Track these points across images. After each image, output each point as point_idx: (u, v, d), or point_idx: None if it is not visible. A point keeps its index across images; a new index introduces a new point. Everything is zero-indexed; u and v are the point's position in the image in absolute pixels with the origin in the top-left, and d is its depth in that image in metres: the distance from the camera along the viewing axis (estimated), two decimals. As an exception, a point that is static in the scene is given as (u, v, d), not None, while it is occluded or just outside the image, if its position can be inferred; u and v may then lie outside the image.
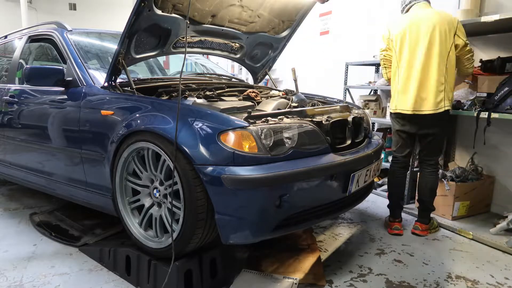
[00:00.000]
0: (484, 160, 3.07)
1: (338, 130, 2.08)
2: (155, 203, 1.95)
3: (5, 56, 3.38)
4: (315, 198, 1.87)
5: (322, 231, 2.66)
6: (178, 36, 2.40)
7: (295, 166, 1.72)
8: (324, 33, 4.92)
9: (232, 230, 1.68)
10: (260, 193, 1.65)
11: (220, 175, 1.60)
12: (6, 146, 2.92)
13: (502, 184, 3.00)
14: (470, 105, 2.67)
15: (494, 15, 2.46)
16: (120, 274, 2.02)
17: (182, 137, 1.69)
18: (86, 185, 2.28)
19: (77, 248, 2.32)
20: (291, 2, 2.61)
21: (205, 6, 2.28)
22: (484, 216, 2.96)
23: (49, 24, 2.85)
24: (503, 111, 2.41)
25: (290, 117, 1.91)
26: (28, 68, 2.28)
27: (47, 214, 2.87)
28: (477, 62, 2.96)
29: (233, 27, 2.60)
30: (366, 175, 2.14)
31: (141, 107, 1.94)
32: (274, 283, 1.94)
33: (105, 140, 2.05)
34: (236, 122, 1.70)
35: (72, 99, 2.31)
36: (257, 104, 2.28)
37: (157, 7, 2.08)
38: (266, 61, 3.15)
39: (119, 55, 2.09)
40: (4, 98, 2.86)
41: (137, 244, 1.98)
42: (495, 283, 2.05)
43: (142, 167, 1.96)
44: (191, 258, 1.84)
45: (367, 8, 4.28)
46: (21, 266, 2.14)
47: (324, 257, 2.28)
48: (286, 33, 2.92)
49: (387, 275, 2.09)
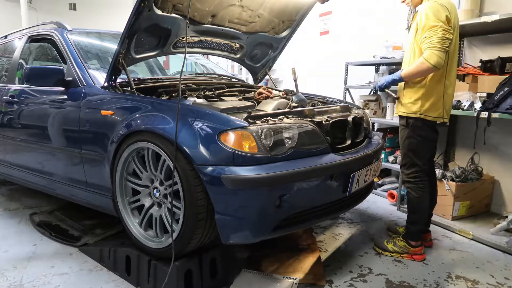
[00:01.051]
0: (484, 160, 3.07)
1: (338, 130, 2.08)
2: (155, 203, 1.95)
3: (5, 56, 3.38)
4: (315, 198, 1.87)
5: (322, 231, 2.66)
6: (178, 36, 2.40)
7: (295, 166, 1.72)
8: (324, 33, 4.92)
9: (232, 230, 1.68)
10: (260, 193, 1.65)
11: (220, 175, 1.60)
12: (6, 146, 2.92)
13: (502, 184, 3.00)
14: (470, 105, 2.67)
15: (494, 15, 2.46)
16: (120, 274, 2.02)
17: (182, 137, 1.69)
18: (86, 185, 2.28)
19: (77, 248, 2.32)
20: (291, 2, 2.61)
21: (205, 6, 2.28)
22: (484, 216, 2.96)
23: (49, 24, 2.85)
24: (503, 111, 2.41)
25: (290, 117, 1.91)
26: (28, 68, 2.28)
27: (47, 214, 2.87)
28: (477, 62, 2.96)
29: (233, 27, 2.60)
30: (366, 175, 2.14)
31: (141, 107, 1.94)
32: (274, 283, 1.94)
33: (105, 140, 2.05)
34: (236, 122, 1.70)
35: (72, 99, 2.31)
36: (257, 104, 2.28)
37: (157, 7, 2.08)
38: (266, 61, 3.15)
39: (119, 55, 2.09)
40: (4, 98, 2.86)
41: (137, 244, 1.98)
42: (495, 283, 2.05)
43: (142, 167, 1.96)
44: (191, 258, 1.84)
45: (367, 8, 4.28)
46: (21, 266, 2.14)
47: (324, 257, 2.28)
48: (286, 33, 2.92)
49: (387, 275, 2.09)
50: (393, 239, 2.36)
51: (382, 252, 2.33)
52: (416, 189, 2.24)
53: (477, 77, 2.83)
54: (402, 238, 2.32)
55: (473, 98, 2.69)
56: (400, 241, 2.31)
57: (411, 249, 2.27)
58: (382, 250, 2.34)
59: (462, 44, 3.22)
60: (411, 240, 2.28)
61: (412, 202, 2.29)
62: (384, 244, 2.34)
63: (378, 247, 2.37)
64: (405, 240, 2.30)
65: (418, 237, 2.28)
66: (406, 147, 2.26)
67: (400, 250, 2.28)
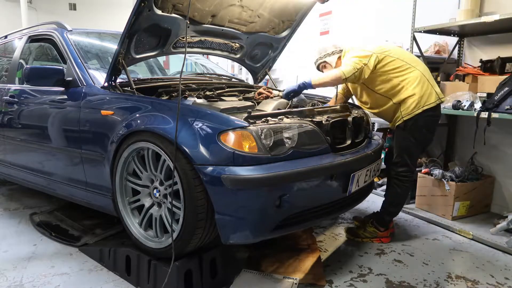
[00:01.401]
0: (484, 160, 3.07)
1: (338, 130, 2.08)
2: (155, 203, 1.94)
3: (5, 56, 3.38)
4: (315, 198, 1.88)
5: (322, 231, 2.66)
6: (178, 36, 2.40)
7: (295, 166, 1.72)
8: (324, 33, 4.92)
9: (232, 230, 1.68)
10: (260, 193, 1.65)
11: (220, 175, 1.60)
12: (6, 146, 2.92)
13: (502, 184, 3.00)
14: (470, 105, 2.67)
15: (494, 15, 2.46)
16: (120, 274, 2.02)
17: (182, 137, 1.69)
18: (86, 185, 2.28)
19: (77, 248, 2.32)
20: (291, 2, 2.61)
21: (205, 6, 2.28)
22: (484, 216, 2.96)
23: (49, 24, 2.85)
24: (503, 111, 2.41)
25: (290, 117, 1.91)
26: (28, 68, 2.28)
27: (47, 214, 2.87)
28: (477, 62, 2.96)
29: (233, 27, 2.60)
30: (366, 175, 2.14)
31: (141, 107, 1.94)
32: (274, 283, 1.94)
33: (105, 140, 2.05)
34: (236, 122, 1.70)
35: (72, 99, 2.31)
36: (257, 104, 2.28)
37: (157, 7, 2.08)
38: (266, 61, 3.15)
39: (119, 55, 2.09)
40: (4, 98, 2.86)
41: (137, 244, 1.98)
42: (495, 283, 2.05)
43: (142, 167, 1.96)
44: (191, 258, 1.83)
45: (367, 8, 4.28)
46: (21, 266, 2.14)
47: (324, 257, 2.28)
48: (286, 33, 2.92)
49: (387, 275, 2.09)
50: (363, 226, 2.56)
51: (354, 238, 2.54)
52: (402, 186, 2.43)
53: (477, 77, 2.83)
54: (371, 225, 2.53)
55: (473, 98, 2.69)
56: (369, 227, 2.53)
57: (379, 233, 2.51)
58: (354, 237, 2.54)
59: (462, 44, 3.22)
60: (380, 227, 2.51)
61: (395, 197, 2.47)
62: (355, 231, 2.56)
63: (350, 234, 2.57)
64: (374, 226, 2.52)
65: (387, 225, 2.54)
66: (401, 148, 2.39)
67: (370, 235, 2.51)
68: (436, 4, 3.37)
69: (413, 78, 2.28)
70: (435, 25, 2.90)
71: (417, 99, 2.26)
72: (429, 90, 2.29)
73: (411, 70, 2.29)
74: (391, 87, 2.31)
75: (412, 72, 2.29)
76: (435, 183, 2.93)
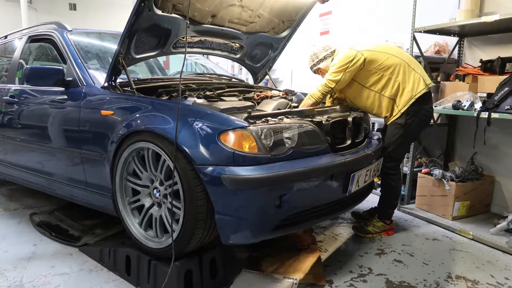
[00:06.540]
0: (484, 160, 3.07)
1: (338, 130, 2.08)
2: (155, 203, 1.94)
3: (5, 56, 3.38)
4: (315, 198, 1.88)
5: (322, 231, 2.66)
6: (178, 36, 2.40)
7: (295, 166, 1.72)
8: (324, 33, 4.92)
9: (232, 230, 1.68)
10: (260, 193, 1.65)
11: (220, 175, 1.60)
12: (6, 146, 2.92)
13: (502, 184, 3.00)
14: (470, 105, 2.67)
15: (494, 15, 2.46)
16: (120, 274, 2.02)
17: (182, 137, 1.69)
18: (86, 185, 2.28)
19: (77, 248, 2.32)
20: (291, 2, 2.61)
21: (205, 6, 2.28)
22: (484, 216, 2.96)
23: (49, 24, 2.85)
24: (503, 111, 2.41)
25: (290, 117, 1.91)
26: (28, 68, 2.28)
27: (47, 214, 2.87)
28: (477, 62, 2.96)
29: (233, 27, 2.60)
30: (366, 175, 2.14)
31: (141, 107, 1.94)
32: (274, 283, 1.94)
33: (105, 140, 2.05)
34: (236, 122, 1.70)
35: (72, 99, 2.31)
36: (257, 104, 2.28)
37: (157, 7, 2.08)
38: (266, 61, 3.15)
39: (119, 55, 2.09)
40: (4, 98, 2.86)
41: (137, 244, 1.98)
42: (495, 283, 2.05)
43: (142, 167, 1.96)
44: (191, 258, 1.84)
45: (367, 8, 4.28)
46: (21, 266, 2.14)
47: (324, 257, 2.28)
48: (286, 33, 2.92)
49: (387, 275, 2.09)
50: (371, 222, 2.63)
51: (365, 235, 2.58)
52: (396, 179, 2.57)
53: (477, 77, 2.83)
54: (379, 219, 2.62)
55: (473, 98, 2.69)
56: (377, 222, 2.62)
57: (387, 227, 2.62)
58: (365, 234, 2.59)
59: (462, 44, 3.22)
60: (386, 220, 2.63)
61: (394, 190, 2.61)
62: (365, 229, 2.61)
63: (361, 232, 2.61)
64: (382, 220, 2.62)
65: (391, 217, 2.68)
66: (395, 144, 2.46)
67: (380, 230, 2.60)
68: (436, 4, 3.37)
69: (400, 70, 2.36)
70: (435, 25, 2.90)
71: (410, 89, 2.35)
72: (417, 78, 2.37)
73: (396, 61, 2.37)
74: (378, 80, 2.39)
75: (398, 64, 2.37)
76: (435, 183, 2.93)
